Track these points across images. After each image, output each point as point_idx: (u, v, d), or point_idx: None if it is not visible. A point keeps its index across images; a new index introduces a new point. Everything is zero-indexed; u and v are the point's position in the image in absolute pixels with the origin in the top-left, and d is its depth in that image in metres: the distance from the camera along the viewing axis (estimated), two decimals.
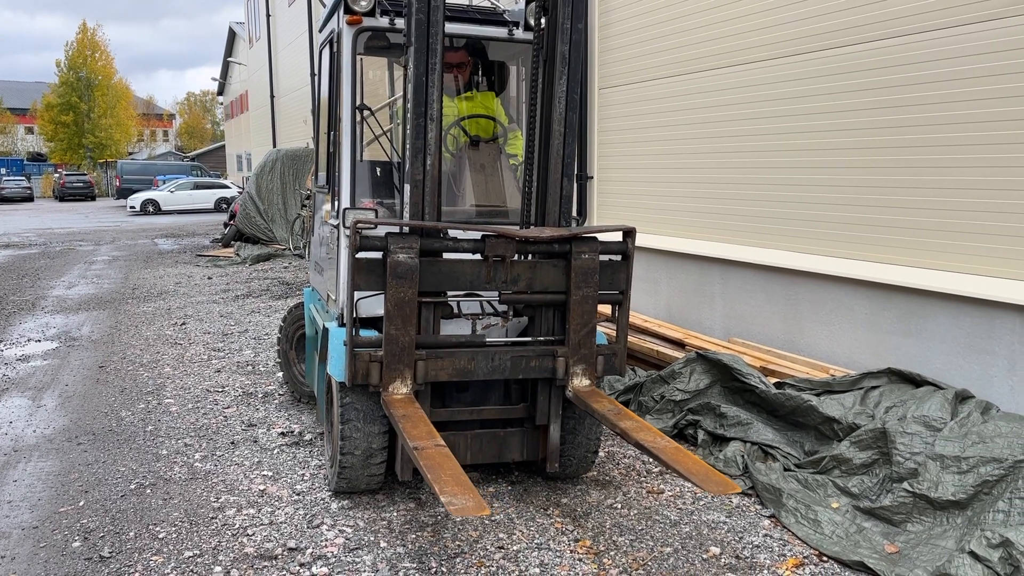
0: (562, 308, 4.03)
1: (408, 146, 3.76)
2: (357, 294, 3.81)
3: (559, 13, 3.88)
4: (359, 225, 3.63)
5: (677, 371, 5.37)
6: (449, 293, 3.98)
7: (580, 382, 4.00)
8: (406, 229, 3.78)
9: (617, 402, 3.95)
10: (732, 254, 6.17)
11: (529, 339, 4.11)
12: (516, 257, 3.94)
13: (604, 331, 4.83)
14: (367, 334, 3.97)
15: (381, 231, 3.85)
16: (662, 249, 6.95)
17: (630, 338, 6.33)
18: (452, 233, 3.95)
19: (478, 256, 3.88)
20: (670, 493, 4.41)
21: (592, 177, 8.08)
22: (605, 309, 4.28)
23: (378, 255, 3.76)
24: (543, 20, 4.00)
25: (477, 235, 3.89)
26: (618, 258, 4.09)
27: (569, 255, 3.92)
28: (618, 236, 4.07)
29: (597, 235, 3.99)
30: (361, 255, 3.69)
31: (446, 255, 3.89)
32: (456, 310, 4.20)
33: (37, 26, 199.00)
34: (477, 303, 4.32)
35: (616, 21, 7.61)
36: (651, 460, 4.87)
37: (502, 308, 4.33)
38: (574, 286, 3.91)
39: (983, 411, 4.09)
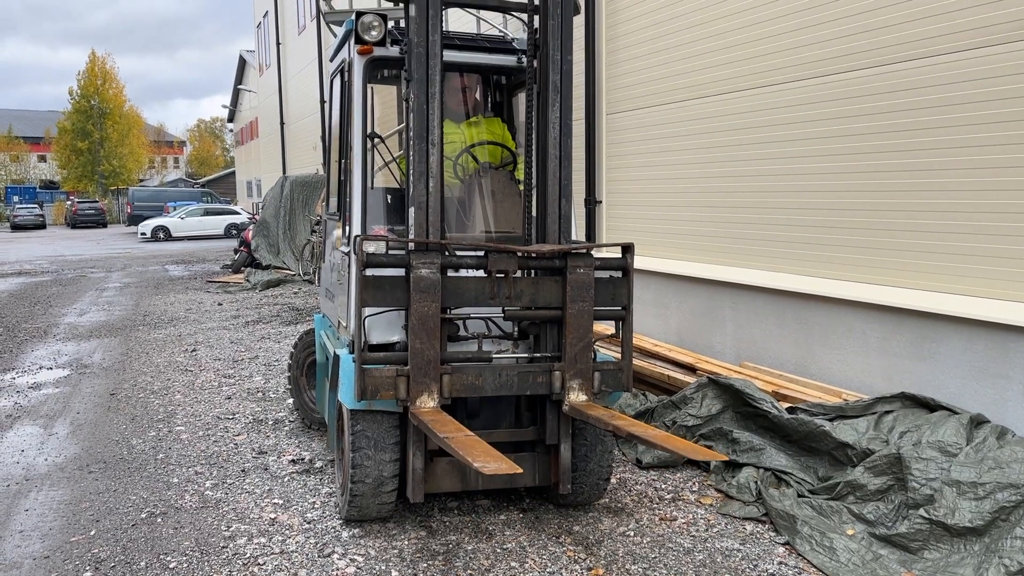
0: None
1: (411, 171, 3.90)
2: (368, 314, 3.88)
3: (550, 47, 4.06)
4: (365, 242, 3.75)
5: (689, 396, 5.34)
6: (453, 311, 4.07)
7: (576, 397, 4.02)
8: (411, 247, 3.86)
9: (611, 410, 4.02)
10: (742, 278, 6.16)
11: (526, 355, 4.17)
12: (519, 274, 4.01)
13: (611, 353, 4.82)
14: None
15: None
16: (672, 273, 6.94)
17: (640, 362, 6.31)
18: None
19: (482, 273, 3.97)
20: (683, 520, 4.37)
21: (600, 202, 8.10)
22: (611, 327, 4.32)
23: (385, 272, 3.85)
24: (536, 54, 4.15)
25: (480, 252, 3.99)
26: (619, 274, 4.14)
27: (565, 270, 3.99)
28: (618, 252, 4.16)
29: (593, 250, 4.08)
30: (369, 272, 3.78)
31: (451, 272, 3.98)
32: (463, 330, 4.23)
33: (59, 58, 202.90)
34: (482, 322, 4.35)
35: (624, 47, 7.66)
36: (663, 487, 4.84)
37: (507, 326, 4.35)
38: (569, 300, 3.99)
39: (999, 436, 4.05)
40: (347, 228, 4.46)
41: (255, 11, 34.17)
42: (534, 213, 4.19)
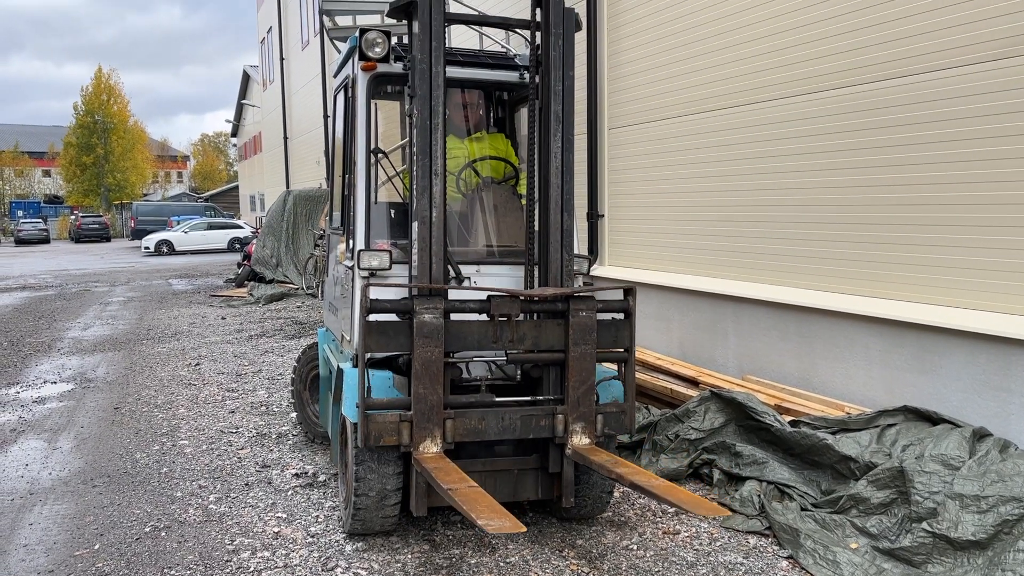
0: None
1: (415, 186, 3.92)
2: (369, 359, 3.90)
3: (551, 64, 4.10)
4: (370, 292, 3.75)
5: (691, 410, 5.35)
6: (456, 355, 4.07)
7: (579, 440, 4.01)
8: (411, 285, 3.88)
9: (614, 455, 3.99)
10: (744, 291, 6.18)
11: (529, 398, 4.16)
12: (521, 316, 4.01)
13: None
14: (381, 375, 3.99)
15: (390, 293, 3.98)
16: (674, 287, 6.96)
17: (643, 376, 6.32)
18: (458, 294, 4.05)
19: (485, 316, 3.96)
20: (686, 534, 4.37)
21: (603, 215, 8.13)
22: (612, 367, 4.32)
23: (390, 317, 3.86)
24: (538, 70, 4.19)
25: (483, 295, 3.98)
26: (621, 316, 4.14)
27: (567, 313, 3.98)
28: (619, 294, 4.16)
29: (595, 293, 4.07)
30: (372, 318, 3.79)
31: (453, 316, 3.97)
32: (466, 373, 4.24)
33: (64, 74, 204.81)
34: (484, 365, 4.35)
35: (626, 62, 7.71)
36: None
37: (509, 368, 4.34)
38: (572, 343, 3.98)
39: (1001, 449, 4.06)
40: (350, 242, 4.48)
41: (259, 27, 34.40)
42: (536, 228, 4.20)
